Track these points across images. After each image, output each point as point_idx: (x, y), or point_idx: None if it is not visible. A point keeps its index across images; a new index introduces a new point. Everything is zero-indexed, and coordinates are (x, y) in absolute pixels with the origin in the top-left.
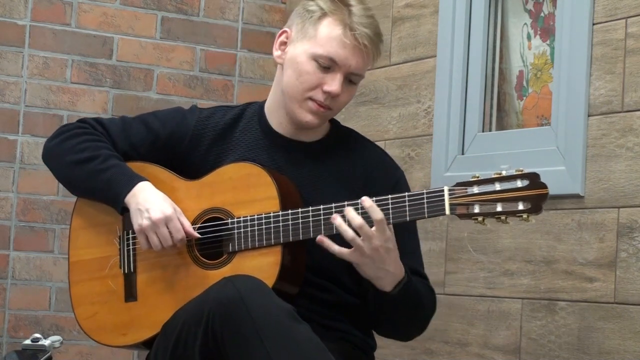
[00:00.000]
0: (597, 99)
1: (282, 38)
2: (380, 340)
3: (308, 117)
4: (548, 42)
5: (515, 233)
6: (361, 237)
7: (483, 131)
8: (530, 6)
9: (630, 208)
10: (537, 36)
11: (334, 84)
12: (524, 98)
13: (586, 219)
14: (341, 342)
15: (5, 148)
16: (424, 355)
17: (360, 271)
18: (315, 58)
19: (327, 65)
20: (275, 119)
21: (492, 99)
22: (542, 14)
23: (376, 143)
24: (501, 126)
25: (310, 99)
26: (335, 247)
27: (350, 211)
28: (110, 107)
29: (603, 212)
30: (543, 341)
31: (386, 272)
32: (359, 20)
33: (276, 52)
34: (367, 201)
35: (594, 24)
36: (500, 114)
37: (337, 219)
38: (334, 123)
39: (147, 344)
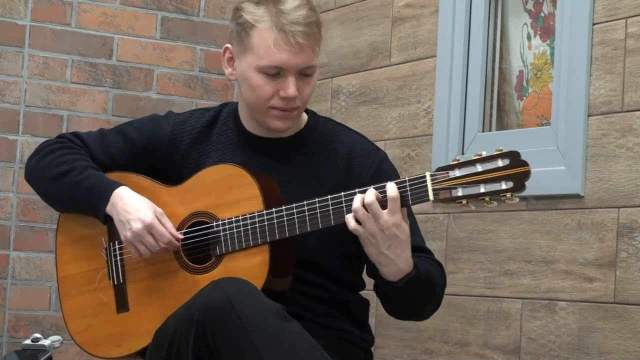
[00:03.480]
0: (597, 99)
1: (227, 55)
2: (380, 340)
3: (278, 124)
4: (548, 42)
5: (515, 233)
6: (369, 214)
7: (483, 131)
8: (530, 6)
9: (630, 208)
10: (537, 36)
11: (288, 88)
12: (524, 98)
13: (586, 219)
14: (337, 339)
15: (5, 148)
16: (424, 355)
17: (366, 251)
18: (261, 70)
19: (274, 72)
20: (248, 122)
21: (492, 99)
22: (542, 14)
23: (376, 143)
24: (501, 126)
25: (272, 107)
26: (352, 223)
27: (370, 190)
28: (110, 107)
29: (603, 212)
30: (543, 341)
31: (390, 260)
32: (287, 19)
33: (227, 70)
34: (390, 183)
35: (594, 24)
36: (500, 114)
37: (356, 195)
38: (310, 114)
39: (143, 353)
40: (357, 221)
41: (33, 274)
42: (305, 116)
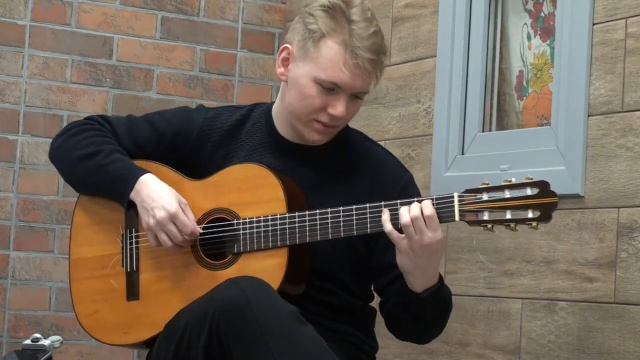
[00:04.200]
0: (597, 99)
1: (284, 55)
2: (380, 340)
3: (315, 137)
4: (548, 42)
5: (515, 233)
6: (414, 228)
7: (483, 131)
8: (530, 6)
9: (630, 208)
10: (537, 36)
11: (338, 106)
12: (524, 98)
13: (586, 219)
14: (344, 343)
15: (5, 148)
16: (424, 355)
17: (399, 261)
18: (318, 81)
19: (330, 87)
20: (283, 126)
21: (492, 99)
22: (542, 14)
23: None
24: (501, 126)
25: (316, 120)
26: (389, 225)
27: (414, 203)
28: (110, 107)
29: (603, 212)
30: (543, 341)
31: (423, 272)
32: (360, 44)
33: (279, 70)
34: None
35: (594, 24)
36: (500, 114)
37: (402, 208)
38: None
39: (148, 343)
40: (397, 230)
41: (33, 274)
42: None
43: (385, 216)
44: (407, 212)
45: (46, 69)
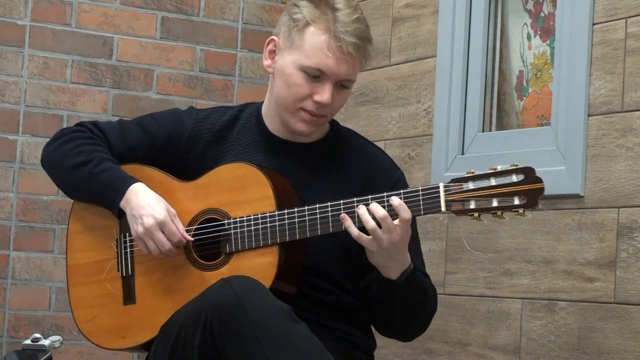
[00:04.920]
0: (597, 99)
1: (271, 47)
2: (380, 340)
3: (302, 127)
4: (548, 42)
5: (515, 233)
6: (382, 229)
7: (483, 131)
8: (530, 6)
9: (630, 208)
10: (537, 36)
11: (324, 94)
12: (524, 98)
13: (586, 219)
14: (341, 342)
15: (5, 148)
16: (424, 355)
17: (371, 259)
18: (303, 69)
19: (315, 74)
20: (273, 123)
21: (492, 99)
22: (542, 14)
23: (376, 143)
24: (501, 126)
25: (302, 109)
26: (354, 230)
27: (375, 204)
28: (110, 107)
29: (603, 212)
30: (543, 341)
31: (396, 261)
32: (343, 28)
33: (266, 62)
34: (395, 199)
35: (594, 24)
36: (500, 114)
37: (361, 208)
38: (333, 123)
39: (147, 346)
40: (362, 231)
41: (33, 274)
42: (327, 124)
43: (348, 222)
44: (371, 219)
45: (46, 69)
